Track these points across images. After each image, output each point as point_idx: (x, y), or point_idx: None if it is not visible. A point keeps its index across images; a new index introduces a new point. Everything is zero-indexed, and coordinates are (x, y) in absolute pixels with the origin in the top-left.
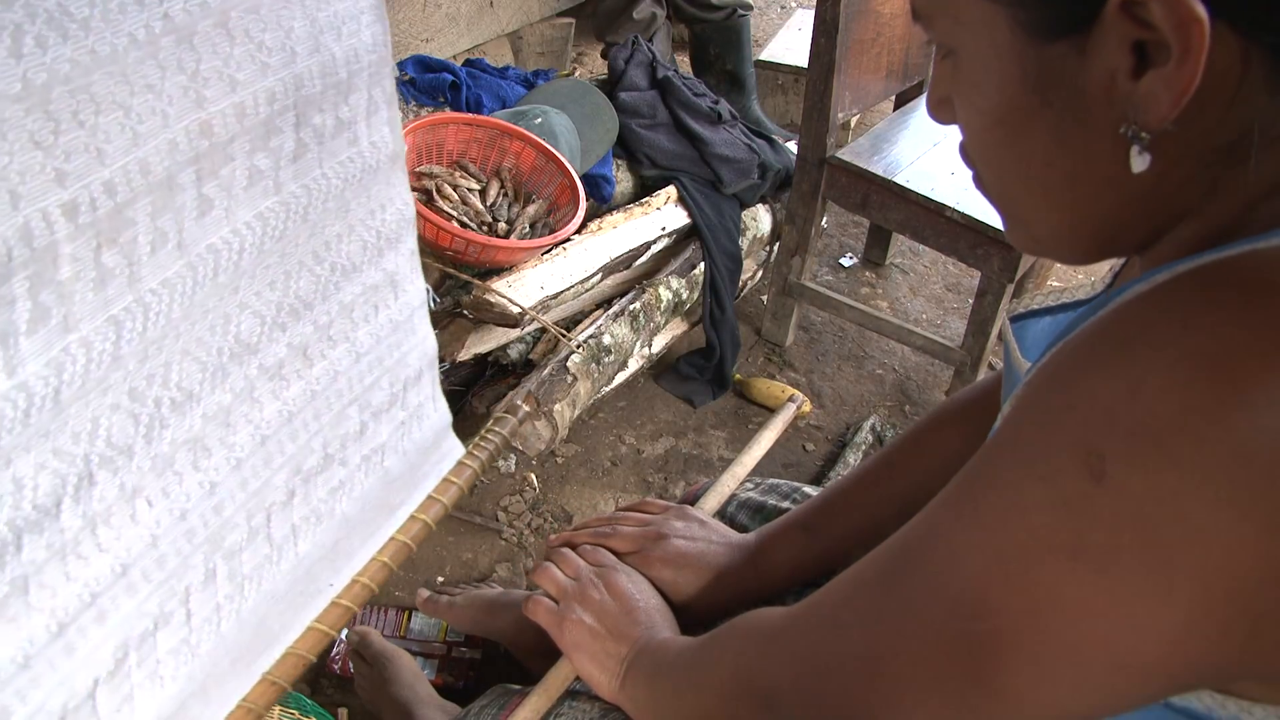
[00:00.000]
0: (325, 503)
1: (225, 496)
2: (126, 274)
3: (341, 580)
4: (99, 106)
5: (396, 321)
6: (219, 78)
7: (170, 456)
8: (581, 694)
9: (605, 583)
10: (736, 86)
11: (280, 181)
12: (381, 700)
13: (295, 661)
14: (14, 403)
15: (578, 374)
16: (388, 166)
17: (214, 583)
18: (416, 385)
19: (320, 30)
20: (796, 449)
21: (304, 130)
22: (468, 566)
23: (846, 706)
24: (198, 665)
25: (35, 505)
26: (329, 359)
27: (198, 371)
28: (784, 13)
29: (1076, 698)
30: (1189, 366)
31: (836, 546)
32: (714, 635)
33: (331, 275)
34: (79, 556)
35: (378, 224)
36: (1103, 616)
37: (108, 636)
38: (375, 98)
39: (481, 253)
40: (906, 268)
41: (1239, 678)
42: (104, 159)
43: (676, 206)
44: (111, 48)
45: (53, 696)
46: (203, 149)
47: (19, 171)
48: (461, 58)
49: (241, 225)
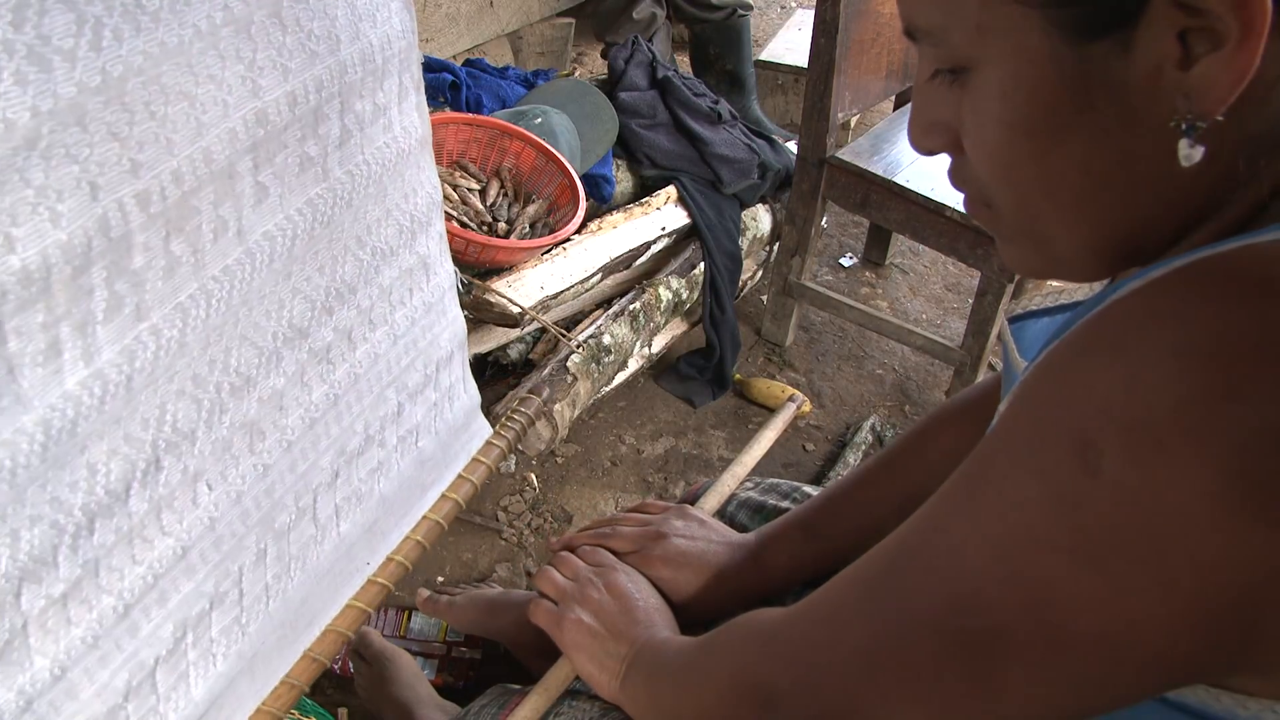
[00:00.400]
0: (365, 483)
1: (276, 478)
2: (192, 262)
3: (377, 559)
4: (168, 97)
5: (429, 303)
6: (273, 66)
7: (228, 440)
8: (581, 693)
9: (605, 582)
10: (736, 86)
11: (328, 168)
12: (381, 700)
13: (335, 639)
14: (91, 390)
15: (578, 374)
16: (418, 151)
17: (264, 563)
18: (448, 366)
19: (359, 18)
20: (796, 449)
21: (348, 117)
22: (468, 566)
23: (846, 705)
24: (247, 644)
25: (107, 490)
26: (370, 342)
27: (254, 356)
28: (784, 13)
29: (1075, 693)
30: (1183, 360)
31: (837, 546)
32: (713, 636)
33: (372, 259)
34: (144, 540)
35: (411, 207)
36: (1099, 611)
37: (168, 617)
38: (405, 83)
39: (481, 253)
40: (906, 268)
41: (1235, 672)
42: (173, 149)
43: (676, 206)
44: (179, 39)
45: (118, 676)
46: (259, 137)
47: (98, 163)
48: (461, 58)
49: (294, 212)
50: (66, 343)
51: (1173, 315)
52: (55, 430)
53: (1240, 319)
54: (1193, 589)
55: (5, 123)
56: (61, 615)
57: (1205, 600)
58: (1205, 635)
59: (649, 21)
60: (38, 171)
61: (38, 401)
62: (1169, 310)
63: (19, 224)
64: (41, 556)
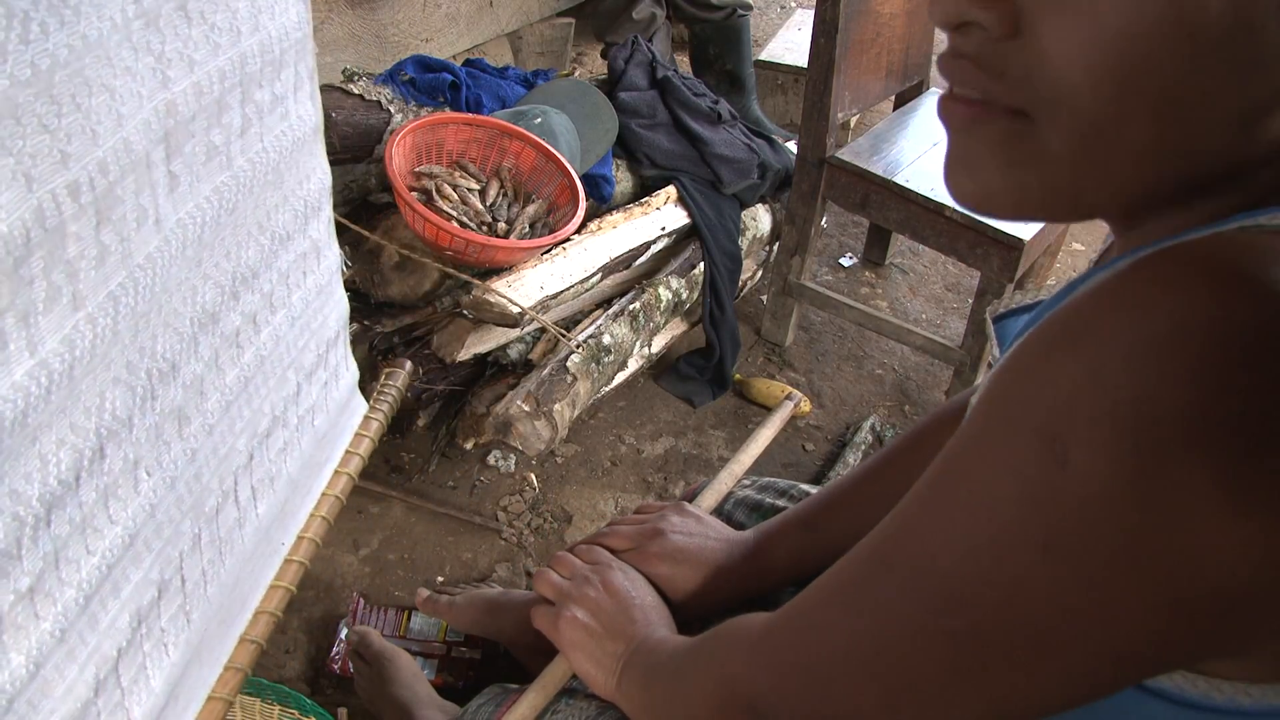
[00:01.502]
0: (275, 464)
1: (203, 463)
2: (120, 250)
3: (290, 538)
4: (91, 89)
5: (320, 286)
6: (180, 58)
7: (160, 426)
8: (578, 692)
9: (601, 580)
10: (736, 86)
11: (231, 156)
12: (381, 700)
13: (267, 620)
14: (38, 380)
15: (577, 374)
16: (311, 138)
17: (199, 548)
18: (335, 346)
19: (259, 10)
20: (796, 449)
21: (248, 106)
22: (467, 566)
23: (830, 710)
24: (193, 631)
25: (59, 480)
26: (272, 324)
27: (176, 342)
28: (784, 13)
29: (1055, 687)
30: (1145, 351)
31: (835, 544)
32: (699, 643)
33: (272, 244)
34: (95, 529)
35: (304, 193)
36: (1075, 605)
37: (123, 607)
38: (300, 73)
39: (481, 253)
40: (906, 267)
41: (1211, 657)
42: (97, 140)
43: (676, 206)
44: (98, 32)
45: (85, 670)
46: (170, 127)
47: (31, 154)
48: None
49: (203, 199)
50: (11, 334)
51: (1135, 306)
52: (8, 422)
53: (1202, 307)
54: (1163, 579)
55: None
56: (30, 610)
57: (1176, 590)
58: (1179, 625)
59: (649, 21)
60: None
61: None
62: (1131, 301)
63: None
64: (7, 550)
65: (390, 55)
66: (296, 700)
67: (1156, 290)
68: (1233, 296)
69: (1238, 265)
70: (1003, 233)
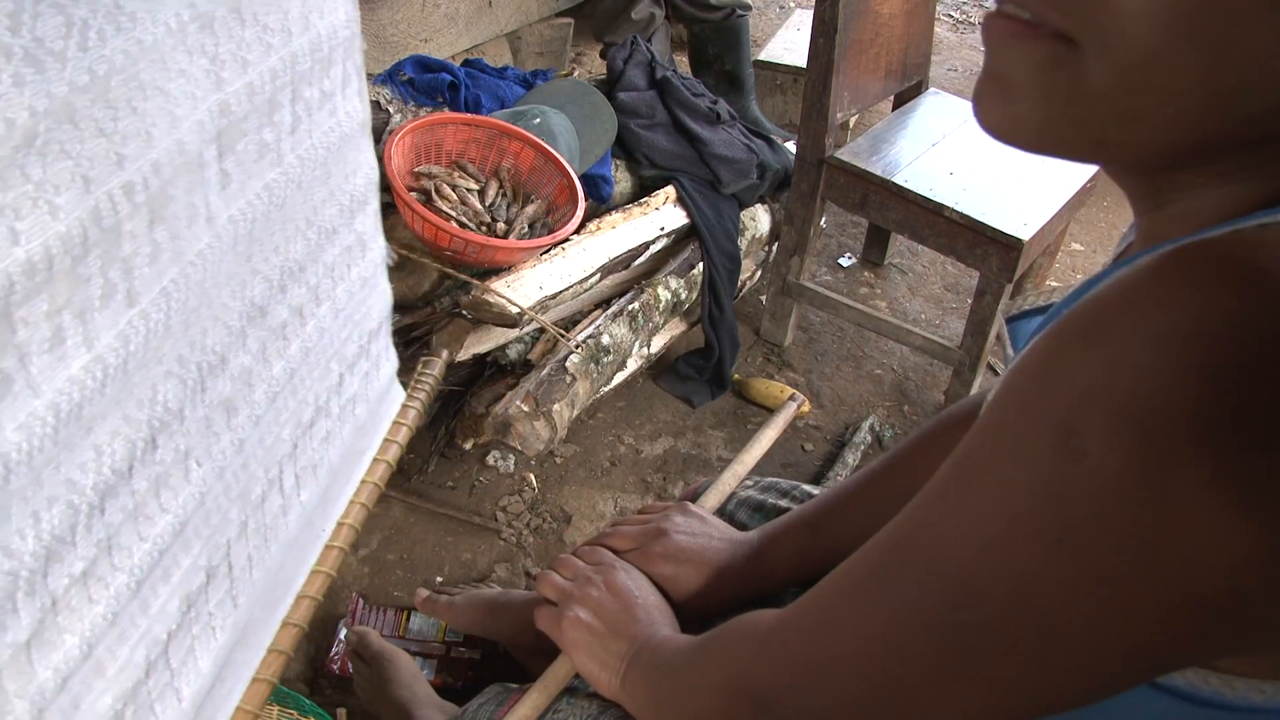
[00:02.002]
0: (318, 452)
1: (250, 452)
2: (172, 248)
3: (331, 525)
4: (146, 93)
5: (364, 278)
6: (233, 59)
7: (209, 418)
8: (580, 691)
9: (604, 580)
10: (735, 86)
11: (282, 153)
12: (380, 700)
13: (309, 604)
14: (93, 374)
15: (576, 374)
16: (358, 134)
17: (246, 535)
18: (377, 337)
19: (309, 10)
20: (795, 449)
21: (298, 104)
22: (466, 566)
23: (841, 705)
24: (239, 614)
25: (113, 469)
26: (317, 317)
27: (225, 335)
28: (783, 13)
29: (1068, 682)
30: (1164, 347)
31: (839, 545)
32: (708, 638)
33: (319, 238)
34: (146, 517)
35: (351, 188)
36: (1088, 600)
37: (173, 592)
38: (349, 70)
39: (480, 253)
40: (905, 268)
41: (1224, 655)
42: (152, 141)
43: (675, 207)
44: (153, 36)
45: (136, 652)
46: (223, 126)
47: (89, 157)
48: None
49: (253, 196)
50: (69, 330)
51: (1155, 302)
52: (64, 413)
53: (1222, 305)
54: (1178, 575)
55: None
56: (83, 593)
57: (1188, 587)
58: (1190, 622)
59: (647, 22)
60: (36, 167)
61: (46, 386)
62: (1151, 297)
63: (22, 218)
64: (62, 536)
65: (389, 55)
66: (295, 700)
67: (1176, 287)
68: (1251, 295)
69: (1257, 264)
70: (1002, 233)
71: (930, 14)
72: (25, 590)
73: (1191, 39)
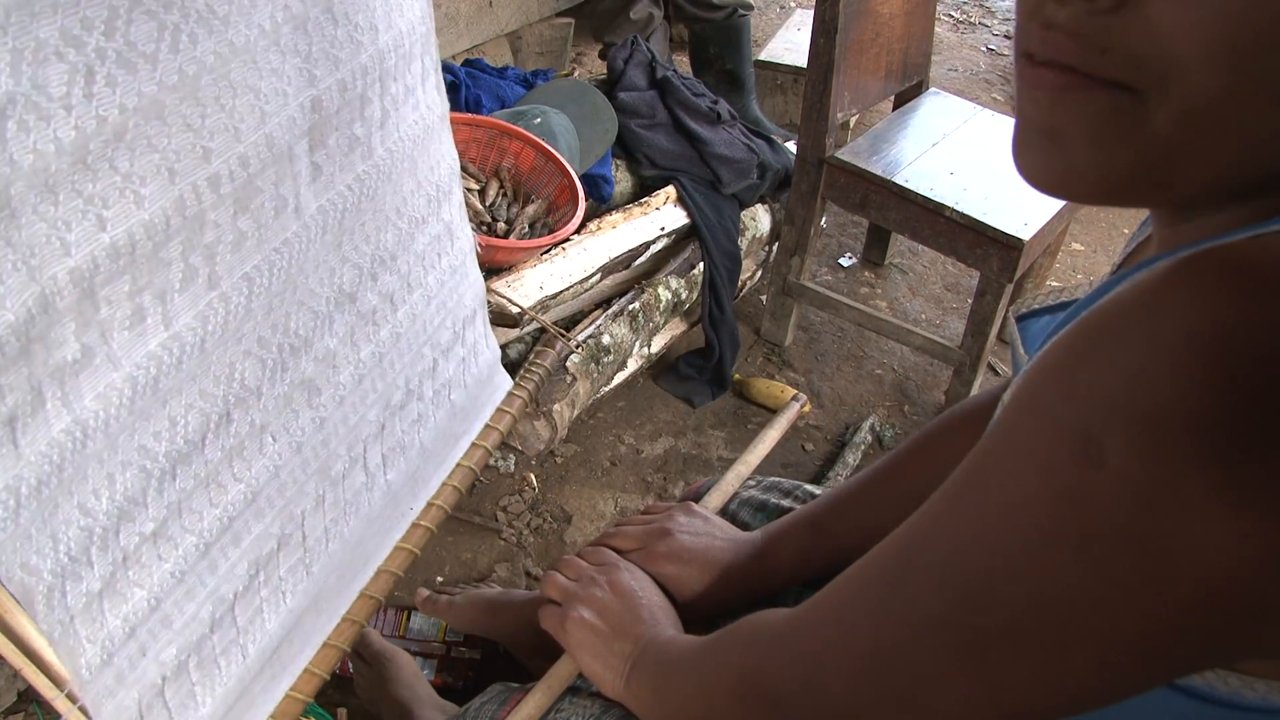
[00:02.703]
0: (407, 434)
1: (331, 430)
2: (257, 236)
3: (419, 504)
4: (236, 91)
5: (454, 266)
6: (326, 57)
7: (289, 395)
8: (583, 690)
9: (607, 580)
10: (736, 86)
11: (372, 146)
12: (381, 700)
13: (387, 579)
14: (170, 350)
15: (577, 374)
16: (439, 125)
17: (322, 508)
18: (472, 324)
19: (391, 8)
20: (796, 449)
21: (386, 99)
22: (467, 566)
23: (853, 706)
24: (311, 583)
25: (186, 440)
26: (409, 303)
27: (310, 319)
28: (783, 12)
29: (1085, 686)
30: (1186, 354)
31: (843, 545)
32: (718, 637)
33: (409, 228)
34: (219, 485)
35: (436, 178)
36: (1107, 605)
37: (242, 556)
38: (426, 65)
39: (481, 253)
40: (905, 268)
41: (1243, 657)
42: (240, 136)
43: (675, 206)
44: (245, 38)
45: (203, 609)
46: (314, 121)
47: (176, 151)
48: (460, 58)
49: (344, 187)
50: (149, 309)
51: (1175, 308)
52: (141, 386)
53: (1243, 312)
54: (1199, 580)
55: (98, 119)
56: (153, 551)
57: (1211, 591)
58: (1213, 626)
59: (646, 22)
60: (124, 160)
61: (125, 361)
62: (1171, 303)
63: (109, 206)
64: (134, 497)
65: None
66: None
67: (1196, 293)
68: (1272, 301)
69: (1274, 270)
70: (1002, 233)
71: (931, 14)
72: (99, 545)
73: (1256, 77)
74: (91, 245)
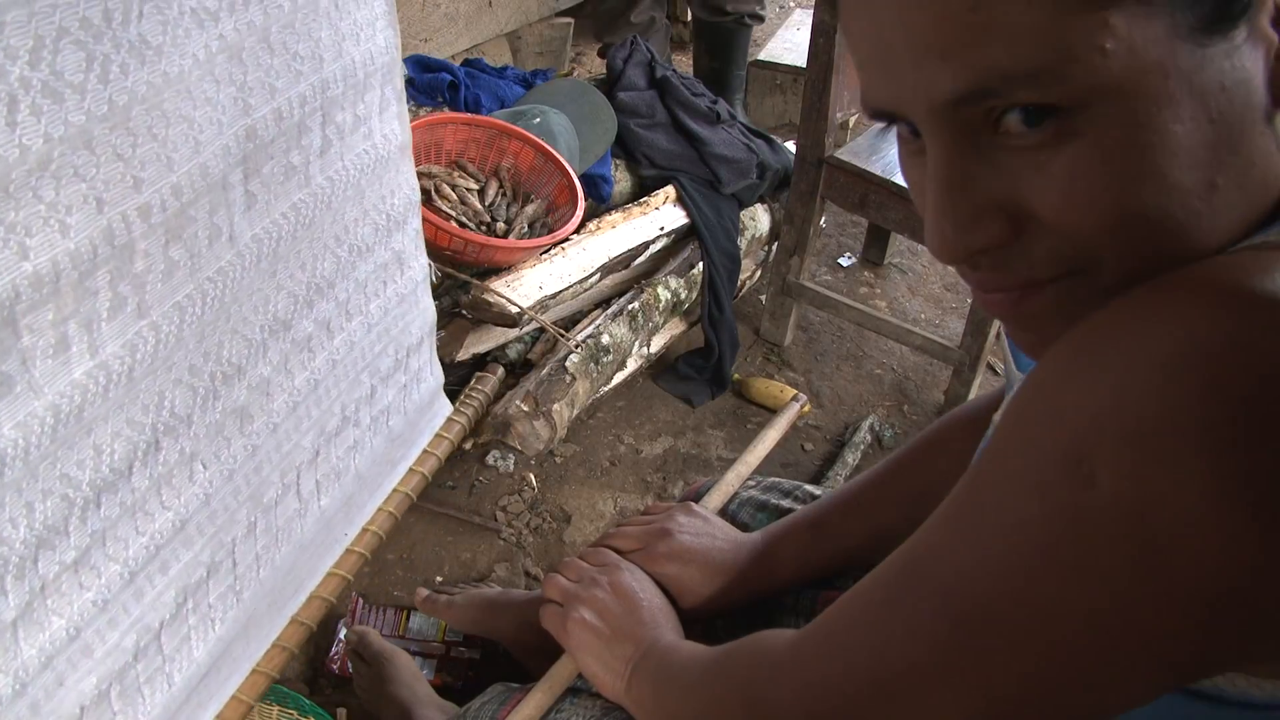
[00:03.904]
0: (342, 460)
1: (264, 458)
2: (189, 265)
3: (354, 530)
4: (169, 120)
5: (402, 295)
6: (261, 87)
7: (221, 424)
8: (583, 691)
9: (608, 581)
10: (721, 87)
11: (310, 175)
12: (380, 700)
13: (319, 604)
14: (96, 379)
15: (576, 374)
16: (398, 156)
17: (254, 535)
18: (417, 351)
19: (342, 38)
20: (795, 449)
21: (329, 128)
22: (466, 566)
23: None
24: (241, 610)
25: (111, 468)
26: (346, 331)
27: (244, 347)
28: (783, 12)
29: (1094, 700)
30: (1167, 370)
31: (843, 546)
32: (719, 657)
33: (349, 256)
34: (146, 513)
35: (388, 208)
36: (1109, 622)
37: (169, 584)
38: (387, 95)
39: (480, 252)
40: (905, 267)
41: (1247, 662)
42: (173, 166)
43: (675, 206)
44: (179, 68)
45: (126, 637)
46: (249, 150)
47: (104, 181)
48: (460, 57)
49: (279, 216)
50: (74, 337)
51: (1153, 325)
52: (64, 414)
53: (1221, 326)
54: (1197, 593)
55: (21, 148)
56: (74, 580)
57: (1210, 603)
58: (1214, 635)
59: (647, 25)
60: (49, 189)
61: (48, 389)
62: (1149, 320)
63: (32, 235)
64: (54, 526)
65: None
66: (295, 700)
67: (1171, 309)
68: (1250, 315)
69: (1253, 285)
70: None
71: None
72: (14, 574)
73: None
74: (13, 274)
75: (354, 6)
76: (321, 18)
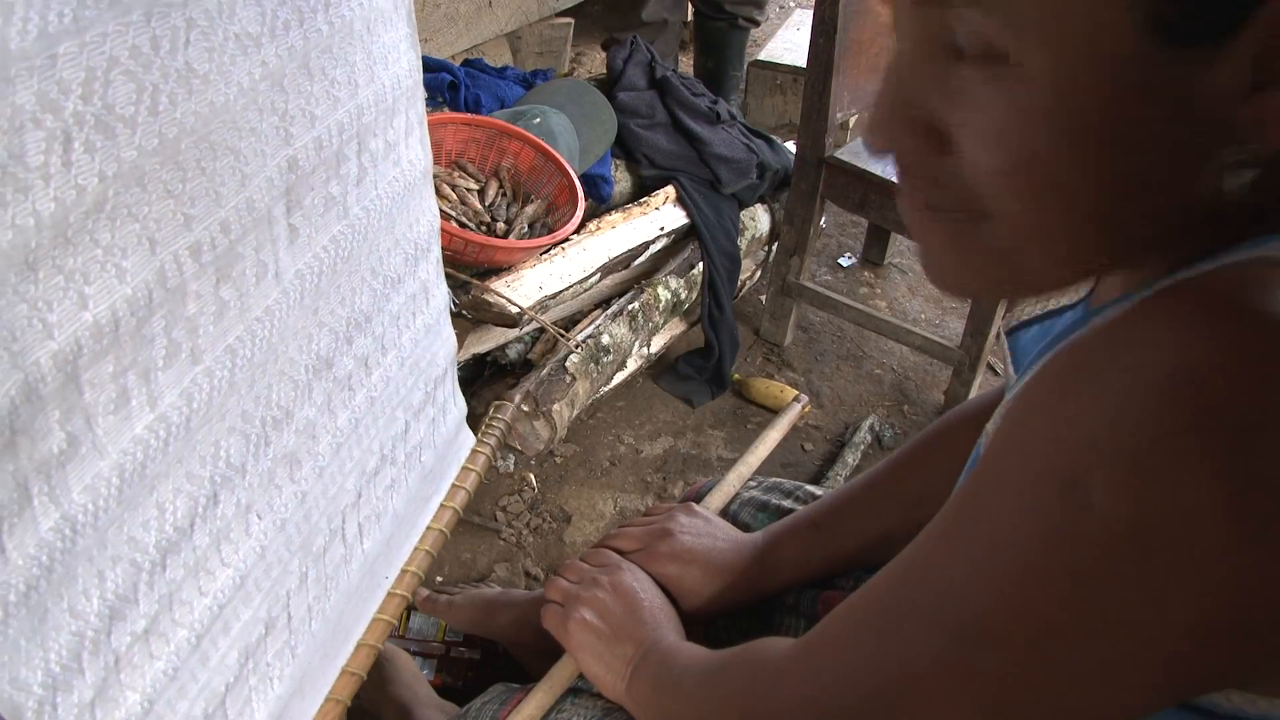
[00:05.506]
0: (382, 501)
1: (312, 504)
2: (239, 305)
3: (394, 572)
4: (216, 153)
5: (429, 325)
6: (302, 115)
7: (272, 471)
8: (584, 691)
9: (609, 581)
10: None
11: (348, 205)
12: (380, 700)
13: (368, 652)
14: (156, 433)
15: (576, 374)
16: (421, 181)
17: (306, 585)
18: (443, 383)
19: (374, 61)
20: (795, 449)
21: (364, 155)
22: (466, 566)
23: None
24: (296, 666)
25: (175, 526)
26: (383, 366)
27: (290, 389)
28: (782, 12)
29: (1087, 716)
30: (1161, 391)
31: (843, 546)
32: (719, 665)
33: (384, 288)
34: (208, 572)
35: (414, 235)
36: (1103, 640)
37: (232, 645)
38: (411, 119)
39: (480, 253)
40: (905, 267)
41: (1244, 679)
42: (221, 200)
43: (675, 206)
44: (225, 98)
45: (195, 705)
46: (291, 182)
47: (156, 219)
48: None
49: (320, 249)
50: (133, 390)
51: (1148, 344)
52: (128, 473)
53: (1215, 345)
54: (1192, 611)
55: (78, 189)
56: (145, 650)
57: (1204, 622)
58: (1208, 656)
59: (660, 25)
60: (105, 232)
61: (111, 448)
62: (1144, 340)
63: (90, 281)
64: (125, 594)
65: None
66: None
67: (1166, 328)
68: (1241, 334)
69: (1244, 303)
70: None
71: None
72: (90, 650)
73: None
74: (74, 325)
75: (383, 29)
76: (356, 41)
